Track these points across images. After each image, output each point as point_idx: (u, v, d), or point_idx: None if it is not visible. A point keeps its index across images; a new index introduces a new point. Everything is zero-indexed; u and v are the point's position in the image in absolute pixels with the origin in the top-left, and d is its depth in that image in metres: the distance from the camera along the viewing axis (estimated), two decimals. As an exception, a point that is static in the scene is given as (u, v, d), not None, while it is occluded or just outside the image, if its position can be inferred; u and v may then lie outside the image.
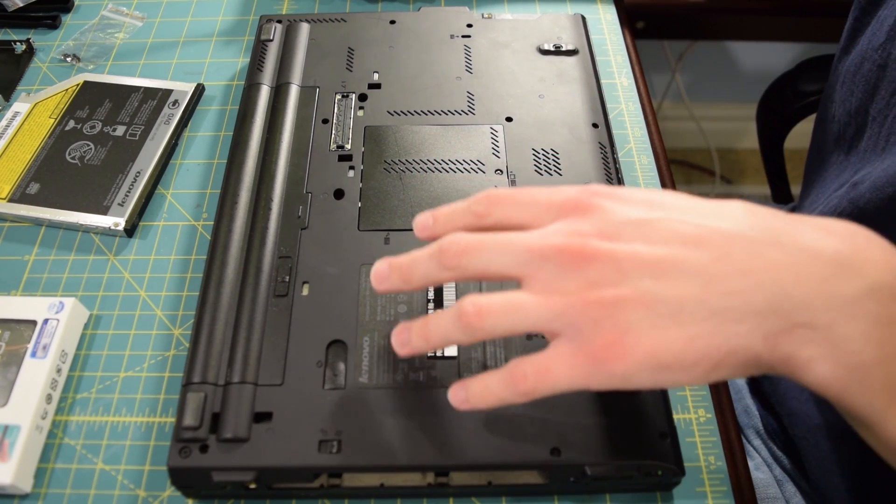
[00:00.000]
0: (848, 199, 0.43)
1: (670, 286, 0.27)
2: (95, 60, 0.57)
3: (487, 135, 0.47)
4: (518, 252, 0.29)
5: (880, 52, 0.42)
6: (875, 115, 0.43)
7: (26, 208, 0.47)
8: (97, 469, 0.38)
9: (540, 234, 0.30)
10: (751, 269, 0.27)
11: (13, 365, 0.39)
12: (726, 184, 1.39)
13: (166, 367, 0.42)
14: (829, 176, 0.48)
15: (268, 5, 0.61)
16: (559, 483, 0.35)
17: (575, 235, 0.29)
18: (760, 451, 0.50)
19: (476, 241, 0.30)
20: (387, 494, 0.36)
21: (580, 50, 0.52)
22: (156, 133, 0.51)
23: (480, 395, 0.30)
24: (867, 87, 0.43)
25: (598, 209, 0.30)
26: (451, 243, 0.31)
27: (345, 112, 0.48)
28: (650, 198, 0.30)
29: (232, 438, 0.34)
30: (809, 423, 0.46)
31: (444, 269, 0.31)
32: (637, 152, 0.51)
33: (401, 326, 0.32)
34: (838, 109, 0.47)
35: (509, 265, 0.30)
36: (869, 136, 0.43)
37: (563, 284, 0.28)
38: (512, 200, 0.31)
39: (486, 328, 0.29)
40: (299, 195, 0.44)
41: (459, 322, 0.29)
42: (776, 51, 1.17)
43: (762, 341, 0.27)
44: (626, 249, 0.28)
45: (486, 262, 0.30)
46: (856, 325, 0.26)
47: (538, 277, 0.29)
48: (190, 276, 0.45)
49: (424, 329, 0.31)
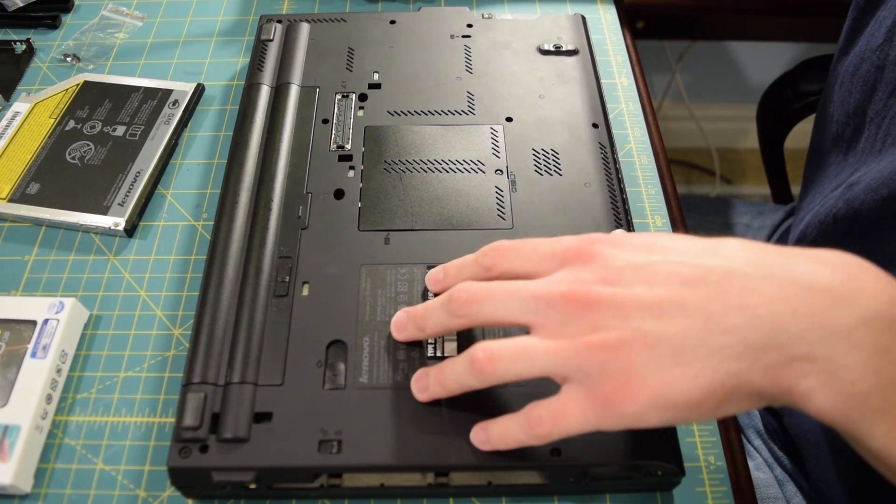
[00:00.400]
0: (843, 200, 0.43)
1: (671, 326, 0.28)
2: (95, 60, 0.57)
3: (487, 135, 0.47)
4: (524, 300, 0.31)
5: (878, 53, 0.42)
6: (873, 116, 0.43)
7: (26, 208, 0.47)
8: (97, 469, 0.38)
9: (545, 282, 0.31)
10: (747, 305, 0.28)
11: (13, 365, 0.39)
12: (726, 184, 1.39)
13: (166, 367, 0.42)
14: (827, 176, 0.48)
15: (268, 5, 0.61)
16: (559, 483, 0.35)
17: (578, 283, 0.30)
18: (761, 450, 0.50)
19: (484, 289, 0.32)
20: (387, 494, 0.36)
21: (580, 50, 0.52)
22: (156, 133, 0.51)
23: (500, 437, 0.33)
24: (865, 88, 0.43)
25: (599, 256, 0.31)
26: (461, 291, 0.33)
27: (345, 112, 0.48)
28: (648, 241, 0.31)
29: (232, 438, 0.34)
30: (810, 423, 0.46)
31: (454, 316, 0.33)
32: (637, 152, 0.51)
33: (419, 373, 0.35)
34: (837, 110, 0.47)
35: (516, 312, 0.31)
36: (867, 137, 0.43)
37: (568, 329, 0.30)
38: (517, 252, 0.33)
39: (497, 373, 0.31)
40: (299, 195, 0.44)
41: (472, 368, 0.31)
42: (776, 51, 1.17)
43: (762, 375, 0.27)
44: (626, 293, 0.29)
45: (493, 310, 0.32)
46: (853, 355, 0.27)
47: (545, 324, 0.30)
48: (190, 276, 0.45)
49: (441, 376, 0.34)
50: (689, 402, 0.28)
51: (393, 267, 0.40)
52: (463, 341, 0.37)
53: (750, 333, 0.27)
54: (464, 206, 0.43)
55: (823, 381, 0.27)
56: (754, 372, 0.27)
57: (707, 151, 1.36)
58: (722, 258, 0.29)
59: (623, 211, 0.43)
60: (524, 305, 0.31)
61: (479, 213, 0.43)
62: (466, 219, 0.43)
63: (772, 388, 0.28)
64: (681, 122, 1.34)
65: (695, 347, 0.28)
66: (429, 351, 0.37)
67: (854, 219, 0.42)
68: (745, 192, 1.38)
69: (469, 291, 0.32)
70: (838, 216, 0.43)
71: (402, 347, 0.37)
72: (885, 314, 0.27)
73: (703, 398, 0.28)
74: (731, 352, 0.27)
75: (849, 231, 0.43)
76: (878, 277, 0.28)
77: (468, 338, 0.38)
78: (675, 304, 0.28)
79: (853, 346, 0.27)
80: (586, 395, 0.29)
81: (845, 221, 0.43)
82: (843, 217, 0.43)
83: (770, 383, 0.27)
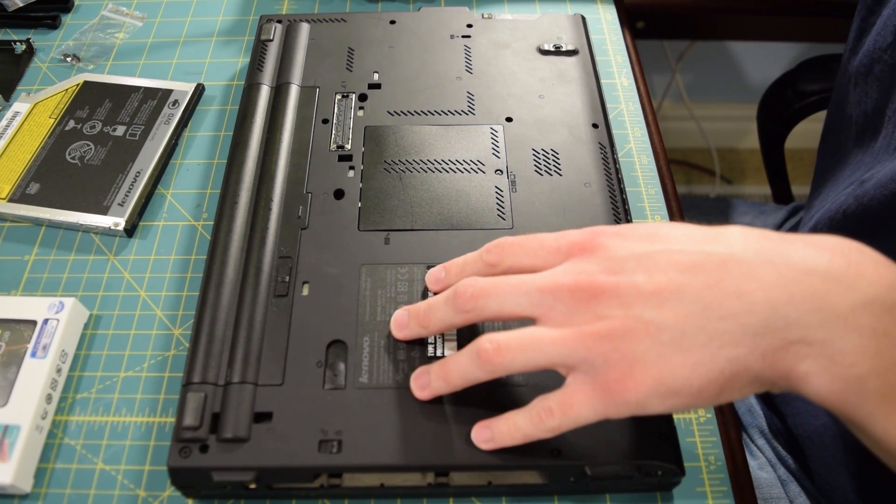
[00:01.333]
0: (853, 196, 0.43)
1: (671, 313, 0.29)
2: (95, 60, 0.57)
3: (487, 135, 0.47)
4: (530, 293, 0.31)
5: (890, 52, 0.42)
6: (890, 115, 0.43)
7: (26, 208, 0.47)
8: (97, 469, 0.38)
9: (551, 274, 0.31)
10: (744, 290, 0.28)
11: (13, 365, 0.39)
12: (726, 184, 1.39)
13: (166, 367, 0.42)
14: (843, 174, 0.48)
15: (268, 5, 0.61)
16: (559, 483, 0.35)
17: (582, 274, 0.31)
18: (764, 450, 0.50)
19: (490, 284, 0.32)
20: (387, 494, 0.36)
21: (580, 50, 0.52)
22: (156, 133, 0.51)
23: (508, 432, 0.33)
24: (882, 88, 0.43)
25: (602, 248, 0.31)
26: (466, 287, 0.33)
27: (345, 112, 0.48)
28: (651, 231, 0.32)
29: (232, 438, 0.34)
30: (814, 422, 0.45)
31: (460, 312, 0.33)
32: (637, 152, 0.51)
33: (419, 371, 0.35)
34: (854, 110, 0.47)
35: (523, 306, 0.31)
36: (884, 135, 0.43)
37: (573, 319, 0.30)
38: (521, 247, 0.34)
39: (504, 364, 0.31)
40: (299, 195, 0.44)
41: (479, 359, 0.31)
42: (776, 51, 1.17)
43: (761, 360, 0.28)
44: (627, 281, 0.30)
45: (500, 304, 0.32)
46: (851, 338, 0.27)
47: (550, 315, 0.31)
48: (190, 276, 0.45)
49: (444, 371, 0.34)
50: (690, 388, 0.28)
51: (393, 267, 0.40)
52: (463, 340, 0.37)
53: (748, 319, 0.28)
54: (464, 206, 0.43)
55: (821, 365, 0.27)
56: (753, 357, 0.28)
57: (707, 151, 1.36)
58: (721, 245, 0.30)
59: (623, 211, 0.43)
60: (530, 298, 0.31)
61: (479, 213, 0.43)
62: (466, 219, 0.43)
63: (771, 373, 0.28)
64: (681, 122, 1.34)
65: (694, 334, 0.28)
66: (429, 351, 0.37)
67: (864, 215, 0.42)
68: (745, 192, 1.38)
69: (475, 287, 0.32)
70: (848, 212, 0.43)
71: (402, 347, 0.37)
72: (885, 298, 0.27)
73: (704, 385, 0.28)
74: (730, 338, 0.28)
75: (859, 227, 0.43)
76: (877, 262, 0.28)
77: (469, 337, 0.38)
78: (675, 291, 0.29)
79: (851, 330, 0.27)
80: (592, 384, 0.30)
81: (855, 218, 0.43)
82: (853, 213, 0.43)
83: (769, 368, 0.28)
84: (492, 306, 0.32)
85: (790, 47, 1.16)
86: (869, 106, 0.45)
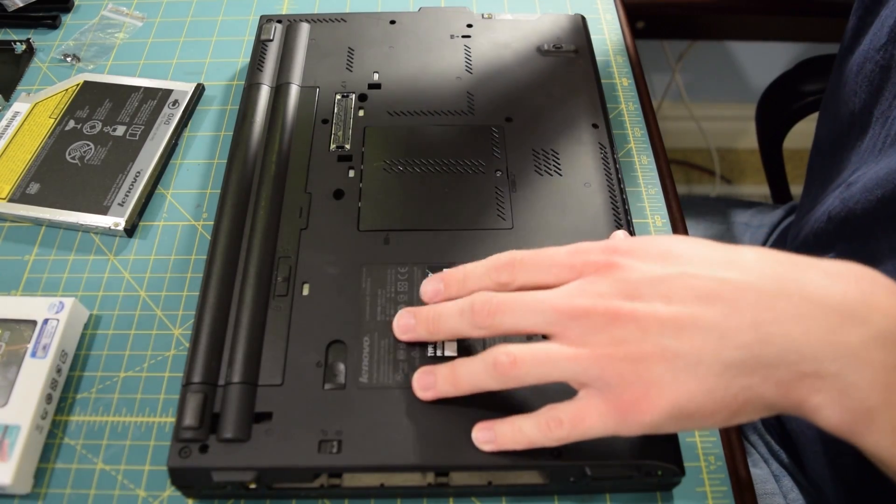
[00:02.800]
0: (840, 199, 0.43)
1: (688, 342, 0.29)
2: (95, 60, 0.57)
3: (487, 135, 0.47)
4: (547, 312, 0.32)
5: (883, 53, 0.42)
6: (878, 116, 0.43)
7: (26, 208, 0.47)
8: (97, 469, 0.38)
9: (567, 294, 0.32)
10: (760, 322, 0.29)
11: (13, 365, 0.39)
12: (726, 184, 1.39)
13: (166, 367, 0.42)
14: (831, 174, 0.48)
15: (268, 5, 0.61)
16: (559, 483, 0.35)
17: (599, 298, 0.31)
18: (758, 445, 0.50)
19: (506, 301, 0.33)
20: (387, 494, 0.37)
21: (580, 50, 0.52)
22: (156, 133, 0.51)
23: (511, 436, 0.33)
24: (871, 88, 0.44)
25: (617, 268, 0.32)
26: (484, 303, 0.33)
27: (345, 112, 0.48)
28: (664, 250, 0.32)
29: (232, 438, 0.34)
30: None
31: (476, 327, 0.33)
32: (637, 152, 0.51)
33: (422, 371, 0.35)
34: (842, 109, 0.47)
35: (539, 324, 0.32)
36: (871, 136, 0.43)
37: (589, 340, 0.31)
38: (534, 264, 0.34)
39: (519, 377, 0.32)
40: (299, 195, 0.44)
41: (494, 371, 0.32)
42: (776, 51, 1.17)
43: (774, 389, 0.29)
44: (646, 309, 0.30)
45: (516, 321, 0.32)
46: (862, 372, 0.28)
47: (566, 334, 0.31)
48: (190, 276, 0.45)
49: (453, 375, 0.34)
50: (703, 413, 0.29)
51: (393, 267, 0.40)
52: (463, 342, 0.37)
53: (763, 350, 0.28)
54: (464, 206, 0.43)
55: (833, 397, 0.28)
56: (766, 386, 0.28)
57: (707, 151, 1.36)
58: (736, 270, 0.30)
59: (623, 211, 0.43)
60: (546, 317, 0.32)
61: (479, 213, 0.43)
62: (466, 219, 0.43)
63: (783, 402, 0.29)
64: (681, 122, 1.34)
65: (710, 363, 0.29)
66: (429, 351, 0.37)
67: (848, 218, 0.42)
68: (744, 192, 1.38)
69: (491, 304, 0.33)
70: (833, 214, 0.43)
71: (403, 347, 0.37)
72: None
73: (717, 410, 0.29)
74: (744, 368, 0.29)
75: (842, 230, 0.43)
76: (888, 291, 0.29)
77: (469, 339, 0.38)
78: (692, 320, 0.29)
79: (863, 364, 0.28)
80: (606, 402, 0.30)
81: (839, 220, 0.43)
82: (838, 216, 0.43)
83: (782, 397, 0.29)
84: (508, 323, 0.32)
85: (789, 47, 1.16)
86: (857, 105, 0.45)
